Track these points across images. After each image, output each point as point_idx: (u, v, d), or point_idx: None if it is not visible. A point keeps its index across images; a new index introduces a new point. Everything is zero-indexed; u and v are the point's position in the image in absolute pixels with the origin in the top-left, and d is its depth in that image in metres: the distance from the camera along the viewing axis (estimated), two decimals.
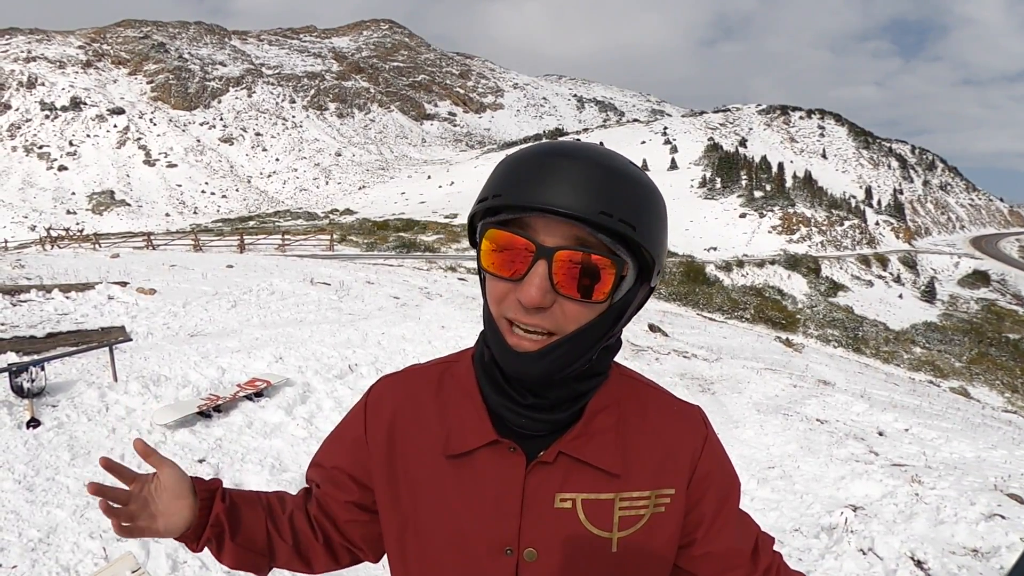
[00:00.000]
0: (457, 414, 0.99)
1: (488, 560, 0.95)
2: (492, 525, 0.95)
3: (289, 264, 17.01)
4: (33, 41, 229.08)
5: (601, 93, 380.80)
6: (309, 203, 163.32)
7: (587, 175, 0.82)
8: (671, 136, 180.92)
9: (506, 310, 0.87)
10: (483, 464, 0.96)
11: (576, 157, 0.84)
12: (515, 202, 0.82)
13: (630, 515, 0.96)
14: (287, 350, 7.59)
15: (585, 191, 0.80)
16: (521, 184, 0.83)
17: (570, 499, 0.95)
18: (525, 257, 0.83)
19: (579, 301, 0.84)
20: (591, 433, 0.96)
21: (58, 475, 4.16)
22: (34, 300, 8.54)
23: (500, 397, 0.95)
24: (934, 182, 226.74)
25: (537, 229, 0.83)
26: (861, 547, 4.04)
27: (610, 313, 0.89)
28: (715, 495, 1.01)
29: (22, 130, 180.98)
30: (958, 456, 6.23)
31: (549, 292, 0.82)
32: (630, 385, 1.03)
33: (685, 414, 1.04)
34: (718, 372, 10.53)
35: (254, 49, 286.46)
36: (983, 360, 37.02)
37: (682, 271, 46.88)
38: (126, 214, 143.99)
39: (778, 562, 1.04)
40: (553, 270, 0.82)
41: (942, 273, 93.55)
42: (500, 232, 0.85)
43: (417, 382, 1.06)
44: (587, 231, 0.82)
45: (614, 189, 0.82)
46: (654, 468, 0.98)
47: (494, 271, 0.86)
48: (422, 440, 1.00)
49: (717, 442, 1.05)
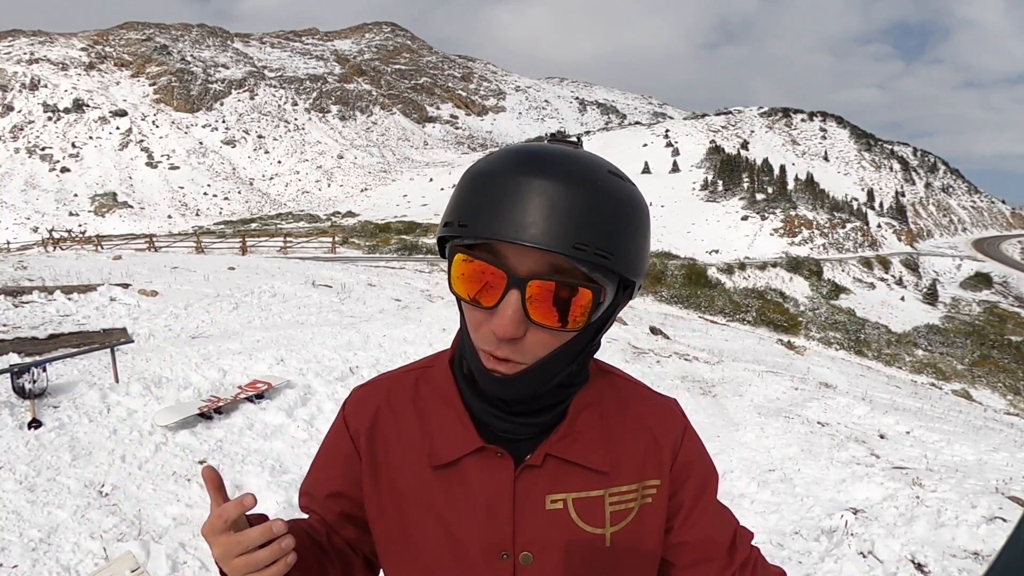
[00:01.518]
0: (439, 423, 0.96)
1: (484, 566, 0.94)
2: (486, 531, 0.93)
3: (291, 266, 17.02)
4: (36, 43, 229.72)
5: (603, 96, 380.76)
6: (311, 205, 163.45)
7: (558, 200, 0.76)
8: (673, 139, 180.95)
9: (480, 339, 0.84)
10: (471, 471, 0.94)
11: (545, 175, 0.77)
12: (482, 235, 0.77)
13: (620, 509, 0.96)
14: (288, 352, 7.59)
15: (558, 219, 0.75)
16: (488, 210, 0.77)
17: (561, 499, 0.94)
18: (497, 285, 0.79)
19: (555, 330, 0.81)
20: (576, 433, 0.95)
21: (59, 476, 4.17)
22: (36, 301, 8.55)
23: (484, 404, 0.93)
24: (936, 184, 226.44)
25: (508, 256, 0.79)
26: (861, 550, 4.04)
27: (587, 332, 0.87)
28: (694, 484, 1.02)
29: (25, 132, 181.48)
30: (959, 459, 6.23)
31: (523, 322, 0.79)
32: (609, 380, 1.03)
33: (664, 406, 1.05)
34: (719, 375, 10.52)
35: (256, 52, 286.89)
36: (985, 362, 37.00)
37: (684, 274, 46.84)
38: (128, 216, 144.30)
39: (755, 556, 1.03)
40: (526, 299, 0.78)
41: (944, 275, 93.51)
42: (469, 258, 0.81)
43: (393, 390, 1.03)
44: (562, 257, 0.77)
45: (589, 214, 0.77)
46: (639, 460, 0.98)
47: (465, 298, 0.83)
48: (405, 451, 0.98)
49: (695, 432, 1.06)
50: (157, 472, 4.44)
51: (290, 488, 4.41)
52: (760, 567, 1.02)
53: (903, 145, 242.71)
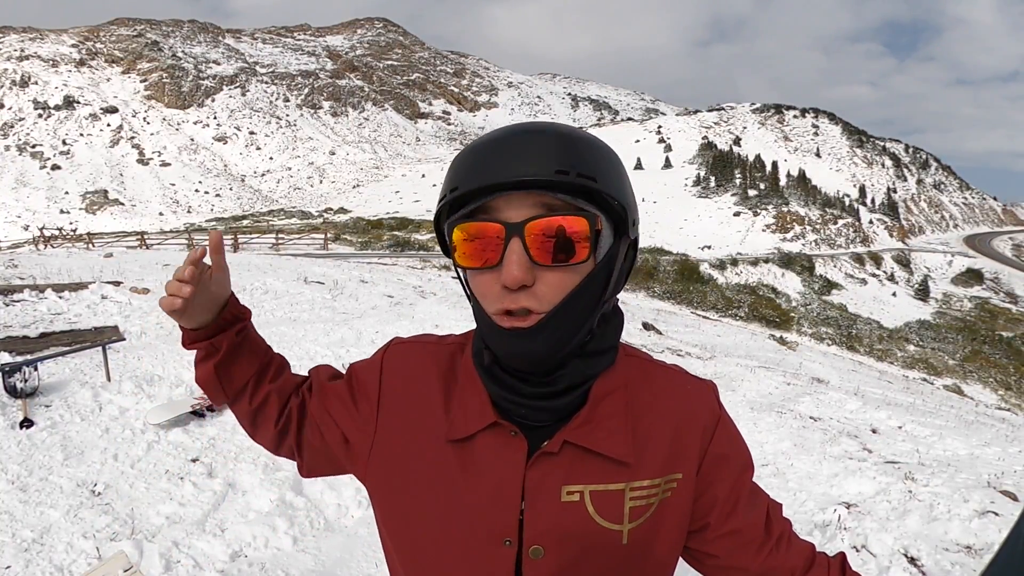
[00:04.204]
0: (460, 399, 0.96)
1: (486, 550, 0.91)
2: (491, 514, 0.91)
3: (283, 263, 16.97)
4: (26, 39, 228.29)
5: (596, 92, 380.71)
6: (303, 202, 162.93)
7: (537, 144, 0.82)
8: (665, 135, 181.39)
9: (495, 301, 0.85)
10: (483, 448, 0.93)
11: (525, 131, 0.85)
12: (472, 186, 0.82)
13: (640, 504, 0.92)
14: (281, 349, 7.53)
15: (537, 157, 0.81)
16: (475, 170, 0.83)
17: (578, 491, 0.90)
18: (497, 241, 0.82)
19: (562, 266, 0.83)
20: (598, 419, 0.91)
21: (51, 475, 4.15)
22: (27, 300, 8.50)
23: (500, 388, 0.92)
24: (928, 181, 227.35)
25: (501, 210, 0.83)
26: (854, 544, 4.05)
27: (598, 273, 0.87)
28: (728, 478, 0.97)
29: (15, 129, 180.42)
30: (951, 453, 6.25)
31: (530, 267, 0.81)
32: (638, 365, 0.99)
33: (697, 393, 1.00)
34: (712, 370, 10.54)
35: (248, 48, 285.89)
36: (976, 358, 37.20)
37: (676, 269, 46.92)
38: (120, 213, 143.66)
39: (788, 530, 1.01)
40: (527, 243, 0.81)
41: (936, 271, 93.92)
42: (467, 224, 0.84)
43: (431, 357, 1.03)
44: (550, 196, 0.82)
45: (567, 149, 0.82)
46: (665, 453, 0.94)
47: (471, 264, 0.85)
48: (424, 420, 0.98)
49: (729, 421, 1.01)
50: (150, 471, 4.42)
51: (283, 485, 4.40)
52: (794, 539, 1.00)
53: (895, 142, 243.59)
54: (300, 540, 3.89)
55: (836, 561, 0.99)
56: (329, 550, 3.84)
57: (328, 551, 3.83)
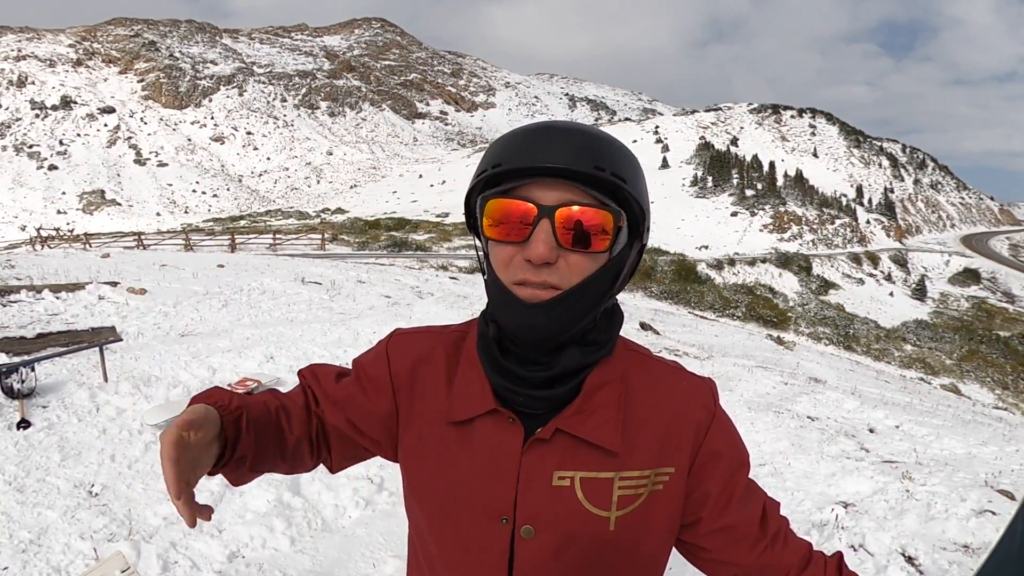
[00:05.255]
0: (463, 383, 1.02)
1: (485, 527, 0.98)
2: (489, 494, 0.97)
3: (280, 263, 16.96)
4: (23, 39, 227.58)
5: (593, 92, 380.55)
6: (300, 202, 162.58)
7: (578, 139, 0.89)
8: (662, 135, 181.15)
9: (514, 272, 0.91)
10: (482, 433, 0.99)
11: (566, 127, 0.92)
12: (515, 165, 0.89)
13: (629, 494, 0.97)
14: (278, 349, 7.57)
15: (578, 151, 0.88)
16: (519, 151, 0.90)
17: (568, 477, 0.96)
18: (528, 219, 0.89)
19: (583, 252, 0.90)
20: (590, 410, 0.97)
21: (48, 476, 4.14)
22: (24, 300, 8.48)
23: (498, 375, 0.98)
24: (925, 181, 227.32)
25: (535, 193, 0.90)
26: (852, 543, 4.05)
27: (609, 268, 0.95)
28: (721, 474, 1.01)
29: (12, 129, 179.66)
30: (949, 452, 6.26)
31: (555, 247, 0.89)
32: (636, 359, 1.05)
33: (692, 390, 1.05)
34: (709, 370, 10.54)
35: (245, 48, 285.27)
36: (974, 357, 37.19)
37: (673, 269, 46.92)
38: (116, 214, 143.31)
39: (784, 527, 1.04)
40: (556, 226, 0.88)
41: (933, 271, 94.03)
42: (502, 200, 0.91)
43: (435, 345, 1.09)
44: (581, 190, 0.89)
45: (603, 149, 0.90)
46: (657, 446, 0.99)
47: (500, 237, 0.92)
48: (430, 403, 1.04)
49: (726, 419, 1.06)
50: (147, 471, 4.41)
51: (280, 485, 4.39)
52: (790, 538, 1.03)
53: (892, 142, 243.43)
54: (298, 540, 3.88)
55: (833, 560, 1.02)
56: (327, 550, 3.84)
57: (326, 551, 3.83)
